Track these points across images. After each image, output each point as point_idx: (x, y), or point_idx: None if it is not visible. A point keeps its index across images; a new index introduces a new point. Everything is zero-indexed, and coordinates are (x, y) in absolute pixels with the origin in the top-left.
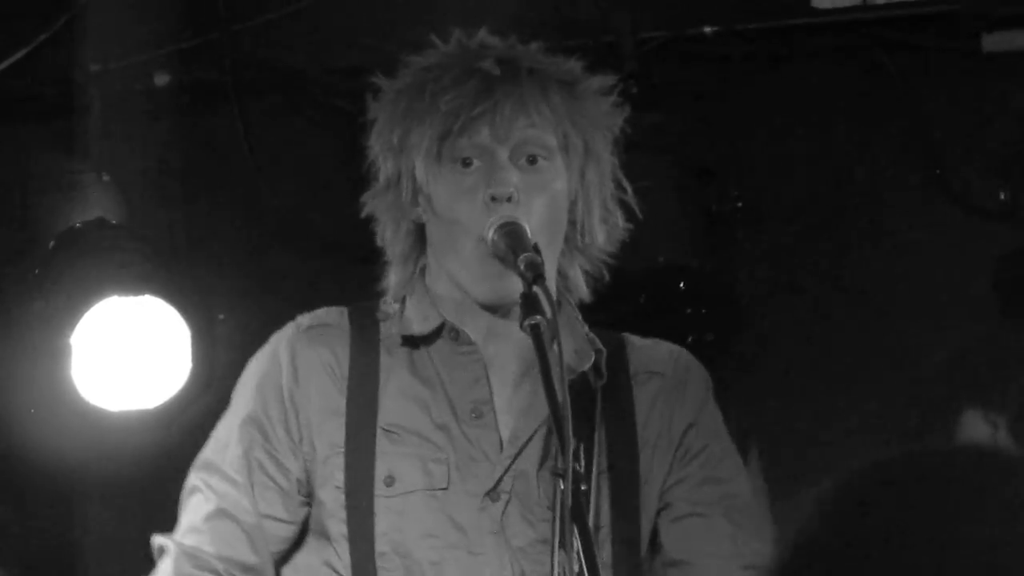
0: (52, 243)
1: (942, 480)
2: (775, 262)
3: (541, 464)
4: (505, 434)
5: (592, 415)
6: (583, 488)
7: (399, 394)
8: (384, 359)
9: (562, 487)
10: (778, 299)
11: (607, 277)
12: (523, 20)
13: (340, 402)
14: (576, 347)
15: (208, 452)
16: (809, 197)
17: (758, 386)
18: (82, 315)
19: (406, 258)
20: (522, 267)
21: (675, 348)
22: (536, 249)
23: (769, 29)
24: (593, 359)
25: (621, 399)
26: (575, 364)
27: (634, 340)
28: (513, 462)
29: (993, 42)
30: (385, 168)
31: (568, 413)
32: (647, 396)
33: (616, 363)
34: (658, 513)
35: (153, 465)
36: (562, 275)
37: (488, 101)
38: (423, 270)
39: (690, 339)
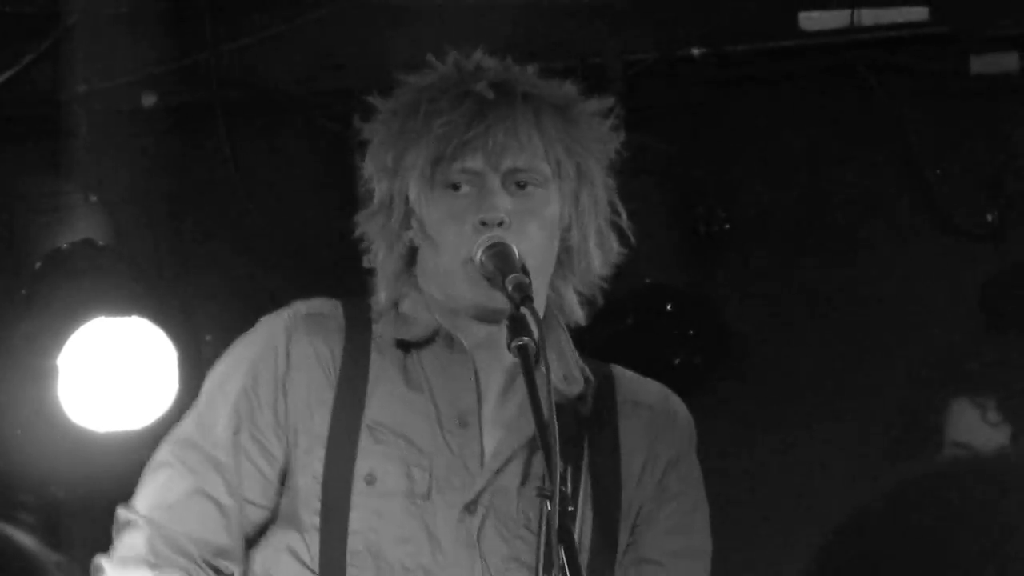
0: (39, 264)
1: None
2: (762, 283)
3: (523, 482)
4: (488, 446)
5: (580, 442)
6: (570, 509)
7: (387, 395)
8: (375, 358)
9: (548, 508)
10: (765, 321)
11: (600, 301)
12: (513, 42)
13: (328, 394)
14: (565, 373)
15: (188, 429)
16: (796, 219)
17: (747, 408)
18: (69, 336)
19: (397, 277)
20: (510, 288)
21: (663, 387)
22: (524, 270)
23: (757, 51)
24: (582, 388)
25: (607, 430)
26: (564, 389)
27: (623, 372)
28: (494, 477)
29: (981, 64)
30: (379, 189)
31: (556, 435)
32: (633, 428)
33: (604, 393)
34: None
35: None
36: (557, 297)
37: (480, 126)
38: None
39: (677, 361)
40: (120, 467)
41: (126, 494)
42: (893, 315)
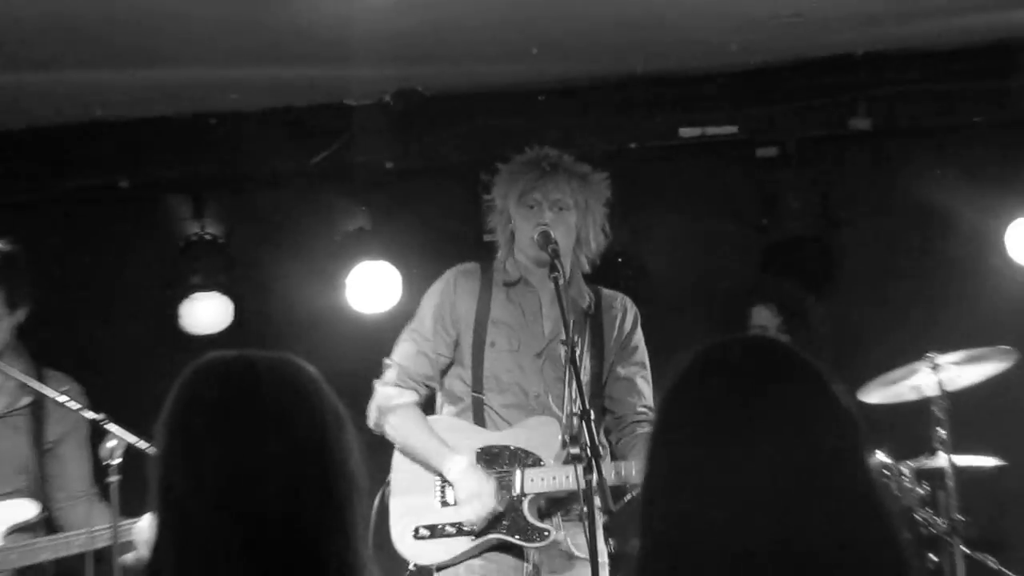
0: (337, 238)
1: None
2: (661, 252)
3: (562, 343)
4: (547, 328)
5: (584, 327)
6: (576, 350)
7: (501, 306)
8: (495, 289)
9: (567, 350)
10: (661, 271)
11: (598, 263)
12: (553, 135)
13: (473, 305)
14: (579, 295)
15: (415, 322)
16: (672, 227)
17: (652, 308)
18: (352, 268)
19: (506, 249)
20: (549, 251)
21: (624, 296)
22: (555, 243)
23: (660, 146)
24: (588, 302)
25: (597, 321)
26: (580, 302)
27: (604, 290)
28: (549, 343)
29: (760, 152)
30: (497, 211)
31: (571, 316)
32: (610, 320)
33: (596, 303)
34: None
35: (385, 341)
36: (578, 260)
37: (541, 180)
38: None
39: (622, 284)
40: (376, 331)
41: (377, 345)
42: (715, 274)
